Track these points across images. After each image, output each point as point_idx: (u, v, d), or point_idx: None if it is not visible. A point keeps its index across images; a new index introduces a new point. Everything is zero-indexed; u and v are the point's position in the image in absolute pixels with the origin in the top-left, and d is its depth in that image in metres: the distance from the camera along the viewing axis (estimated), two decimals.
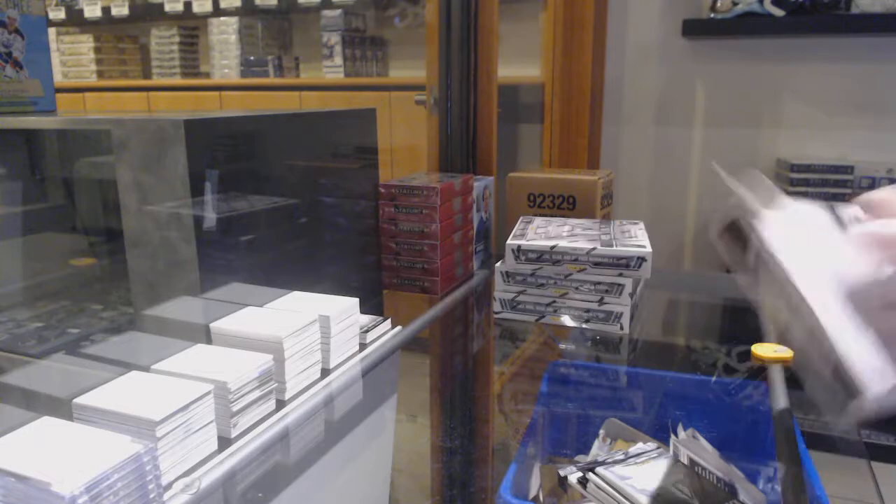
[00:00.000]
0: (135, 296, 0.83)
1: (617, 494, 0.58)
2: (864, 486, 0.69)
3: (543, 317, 1.10)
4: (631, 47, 2.25)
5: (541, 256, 1.08)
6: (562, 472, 0.61)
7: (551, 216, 1.33)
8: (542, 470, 0.69)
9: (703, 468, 0.68)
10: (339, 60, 2.65)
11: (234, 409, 0.68)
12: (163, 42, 3.08)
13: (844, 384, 0.36)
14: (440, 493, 0.69)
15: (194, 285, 0.78)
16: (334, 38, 2.64)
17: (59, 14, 3.12)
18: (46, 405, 0.80)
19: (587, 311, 1.07)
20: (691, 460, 0.67)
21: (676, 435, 0.76)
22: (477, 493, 0.67)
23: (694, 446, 0.71)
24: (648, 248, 1.04)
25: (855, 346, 0.36)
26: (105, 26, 3.21)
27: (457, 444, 0.77)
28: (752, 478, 0.73)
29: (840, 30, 1.95)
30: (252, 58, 2.84)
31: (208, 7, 2.85)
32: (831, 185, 1.97)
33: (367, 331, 0.93)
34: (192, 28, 3.09)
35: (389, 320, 0.98)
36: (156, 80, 3.09)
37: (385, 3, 2.74)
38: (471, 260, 1.35)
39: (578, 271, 1.06)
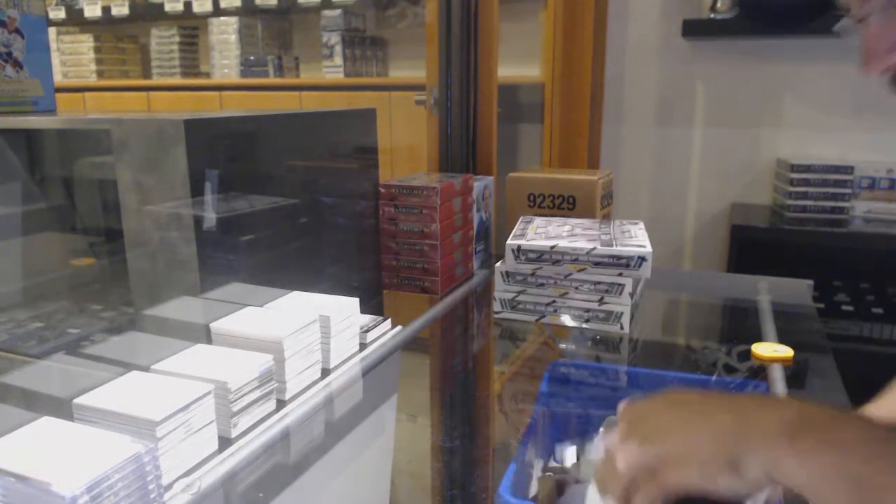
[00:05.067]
0: (135, 296, 0.83)
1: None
2: None
3: (543, 317, 1.10)
4: (631, 47, 2.25)
5: (541, 256, 1.08)
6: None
7: (551, 216, 1.33)
8: (540, 481, 0.69)
9: None
10: (339, 60, 2.65)
11: (235, 409, 0.68)
12: (163, 42, 3.08)
13: None
14: (440, 493, 0.69)
15: (194, 285, 0.78)
16: (334, 38, 2.64)
17: (59, 14, 3.11)
18: (46, 405, 0.80)
19: (587, 311, 1.07)
20: None
21: None
22: (477, 493, 0.67)
23: None
24: (648, 248, 1.04)
25: None
26: (105, 26, 3.20)
27: (457, 444, 0.77)
28: None
29: None
30: (252, 58, 2.84)
31: (208, 7, 2.85)
32: (831, 185, 1.97)
33: (367, 331, 0.93)
34: (192, 28, 3.09)
35: (389, 320, 0.98)
36: (156, 80, 3.09)
37: (385, 3, 2.74)
38: (471, 260, 1.35)
39: (578, 271, 1.06)
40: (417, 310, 1.15)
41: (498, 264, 1.12)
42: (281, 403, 0.75)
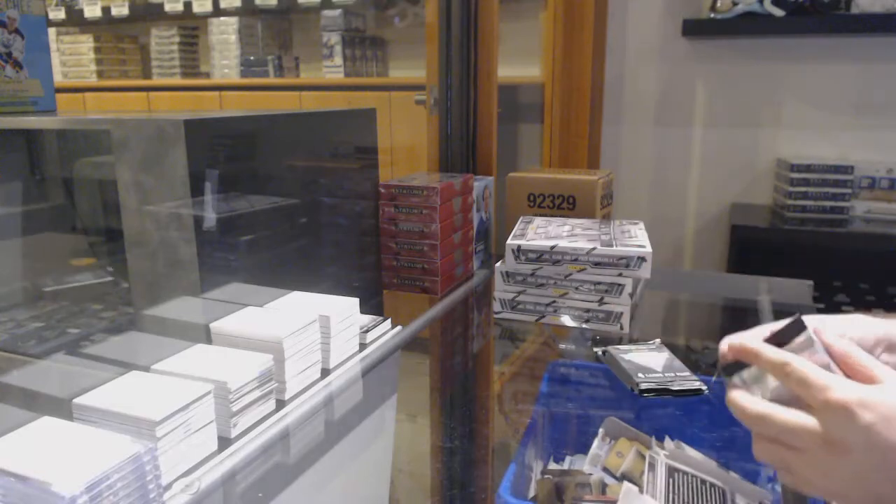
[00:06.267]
0: (135, 296, 0.83)
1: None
2: None
3: (543, 317, 1.10)
4: (631, 47, 2.25)
5: (541, 256, 1.08)
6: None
7: (551, 216, 1.33)
8: (539, 483, 0.70)
9: (693, 475, 0.68)
10: (339, 60, 2.65)
11: (234, 409, 0.68)
12: (163, 42, 3.08)
13: None
14: (440, 493, 0.69)
15: (194, 285, 0.78)
16: (334, 38, 2.64)
17: (59, 14, 3.11)
18: (46, 405, 0.80)
19: (587, 311, 1.07)
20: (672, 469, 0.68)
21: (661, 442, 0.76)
22: (477, 493, 0.67)
23: (681, 456, 0.71)
24: (648, 248, 1.04)
25: None
26: (105, 26, 3.20)
27: (457, 444, 0.77)
28: (752, 478, 0.73)
29: (840, 30, 1.95)
30: (252, 58, 2.84)
31: (208, 7, 2.85)
32: (831, 184, 1.97)
33: (367, 331, 0.93)
34: (192, 28, 3.09)
35: (389, 320, 0.98)
36: (156, 80, 3.09)
37: (385, 3, 2.74)
38: (471, 260, 1.35)
39: (578, 271, 1.06)
40: (417, 310, 1.15)
41: (498, 264, 1.12)
42: (281, 403, 0.75)
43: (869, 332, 0.54)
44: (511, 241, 1.10)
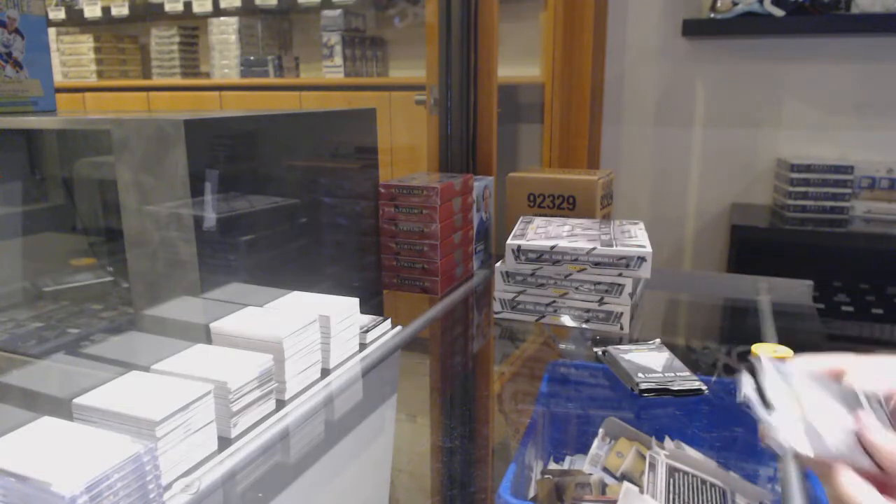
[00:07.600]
0: (135, 296, 0.83)
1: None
2: None
3: (543, 317, 1.10)
4: (631, 47, 2.25)
5: (541, 256, 1.08)
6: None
7: (551, 216, 1.33)
8: (539, 483, 0.70)
9: (693, 475, 0.68)
10: (339, 60, 2.65)
11: (234, 409, 0.68)
12: (163, 42, 3.08)
13: None
14: (440, 493, 0.69)
15: (194, 285, 0.78)
16: (334, 38, 2.64)
17: (59, 14, 3.11)
18: (46, 405, 0.80)
19: (587, 311, 1.07)
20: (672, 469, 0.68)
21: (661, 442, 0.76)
22: (477, 493, 0.67)
23: (681, 456, 0.71)
24: (648, 248, 1.04)
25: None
26: (105, 26, 3.20)
27: (457, 444, 0.77)
28: (752, 478, 0.73)
29: (840, 30, 1.95)
30: (252, 58, 2.84)
31: (208, 7, 2.85)
32: (831, 184, 1.97)
33: (367, 331, 0.93)
34: (192, 28, 3.09)
35: (389, 320, 0.98)
36: (156, 80, 3.09)
37: (385, 3, 2.74)
38: (471, 260, 1.35)
39: (578, 271, 1.06)
40: (417, 310, 1.15)
41: (498, 264, 1.12)
42: (281, 403, 0.75)
43: None
44: (511, 241, 1.10)
